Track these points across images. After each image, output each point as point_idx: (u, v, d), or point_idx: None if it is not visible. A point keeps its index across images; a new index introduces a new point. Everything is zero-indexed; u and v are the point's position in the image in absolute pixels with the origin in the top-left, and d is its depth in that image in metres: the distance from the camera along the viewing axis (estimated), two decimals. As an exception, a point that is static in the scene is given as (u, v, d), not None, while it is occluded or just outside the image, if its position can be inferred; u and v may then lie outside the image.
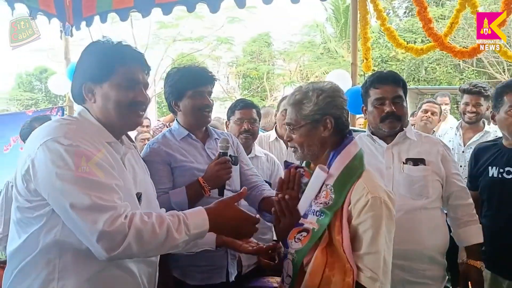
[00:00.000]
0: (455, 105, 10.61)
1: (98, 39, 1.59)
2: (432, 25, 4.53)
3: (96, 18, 4.60)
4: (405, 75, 16.43)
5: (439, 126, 4.73)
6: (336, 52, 18.53)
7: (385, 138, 2.24)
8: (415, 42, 14.31)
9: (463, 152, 3.51)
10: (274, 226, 1.74)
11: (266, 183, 2.41)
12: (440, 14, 15.22)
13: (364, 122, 4.58)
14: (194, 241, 1.52)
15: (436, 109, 4.36)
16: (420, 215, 2.13)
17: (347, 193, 1.53)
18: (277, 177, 2.91)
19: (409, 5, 18.50)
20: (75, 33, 4.81)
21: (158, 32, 17.07)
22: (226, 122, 3.12)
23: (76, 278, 1.38)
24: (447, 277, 2.32)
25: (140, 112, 1.58)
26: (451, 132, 3.77)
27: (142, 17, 4.39)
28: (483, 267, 2.24)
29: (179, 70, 2.26)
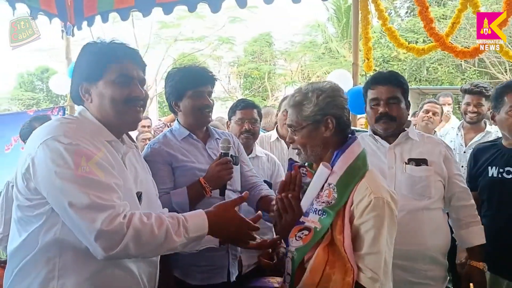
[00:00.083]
0: (457, 106, 10.60)
1: (92, 40, 1.60)
2: (434, 25, 4.53)
3: (98, 18, 4.61)
4: (406, 75, 16.41)
5: (444, 127, 4.71)
6: (337, 52, 18.53)
7: (387, 138, 2.23)
8: (416, 42, 14.31)
9: (464, 152, 3.50)
10: (275, 225, 1.74)
11: (265, 183, 2.41)
12: (442, 14, 15.20)
13: (365, 122, 4.58)
14: (195, 242, 1.52)
15: (438, 109, 4.35)
16: (422, 216, 2.12)
17: (350, 193, 1.53)
18: (278, 177, 2.95)
19: (410, 5, 18.48)
20: (76, 33, 4.82)
21: (160, 32, 17.10)
22: (227, 122, 3.12)
23: (76, 276, 1.39)
24: (448, 278, 2.32)
25: (137, 108, 1.57)
26: (453, 132, 3.76)
27: (143, 17, 4.39)
28: (485, 268, 2.23)
29: (179, 70, 2.25)
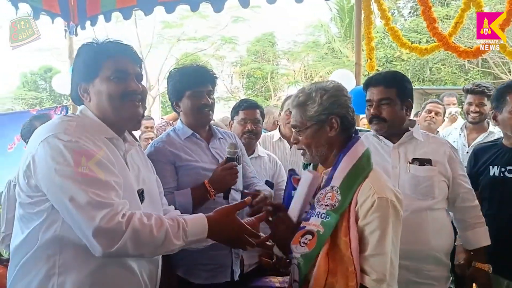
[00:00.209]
0: (460, 106, 10.56)
1: (87, 41, 1.61)
2: (437, 24, 4.51)
3: (101, 18, 4.62)
4: (409, 75, 16.37)
5: (450, 127, 4.67)
6: (340, 52, 18.52)
7: (391, 137, 2.23)
8: (420, 42, 14.27)
9: (467, 153, 3.48)
10: (273, 240, 1.73)
11: (261, 182, 2.42)
12: (445, 14, 15.17)
13: (367, 122, 4.56)
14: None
15: (440, 109, 4.33)
16: (425, 216, 2.11)
17: (354, 194, 1.52)
18: (279, 177, 2.97)
19: (414, 5, 18.43)
20: (79, 32, 4.84)
21: (162, 32, 17.14)
22: (229, 122, 3.12)
23: (76, 274, 1.40)
24: (451, 278, 2.31)
25: (136, 103, 1.56)
26: (455, 132, 3.75)
27: (145, 15, 4.41)
28: (490, 270, 2.22)
29: (179, 70, 2.26)
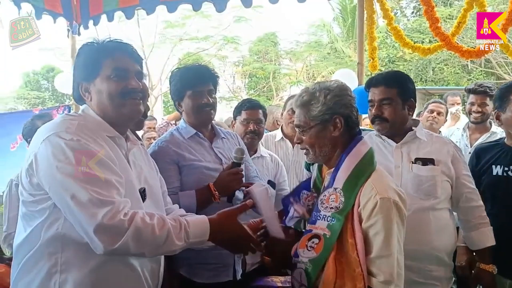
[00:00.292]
0: (463, 106, 10.53)
1: (87, 41, 1.62)
2: (439, 24, 4.50)
3: (103, 17, 4.63)
4: (412, 75, 16.34)
5: (453, 126, 4.66)
6: (343, 52, 18.50)
7: (394, 137, 2.23)
8: (422, 42, 14.24)
9: (469, 153, 3.48)
10: (273, 261, 1.73)
11: (262, 182, 2.41)
12: (448, 14, 15.13)
13: (369, 122, 4.56)
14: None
15: (442, 109, 4.32)
16: (428, 215, 2.11)
17: (357, 195, 1.51)
18: (281, 177, 2.98)
19: (417, 5, 18.40)
20: (82, 32, 4.84)
21: (165, 32, 17.14)
22: (232, 122, 3.12)
23: (78, 271, 1.41)
24: (454, 279, 2.30)
25: (136, 100, 1.57)
26: (458, 133, 3.74)
27: (147, 15, 4.42)
28: (495, 270, 2.21)
29: (180, 70, 2.28)
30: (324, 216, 1.54)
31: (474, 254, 2.36)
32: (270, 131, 3.86)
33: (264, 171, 2.87)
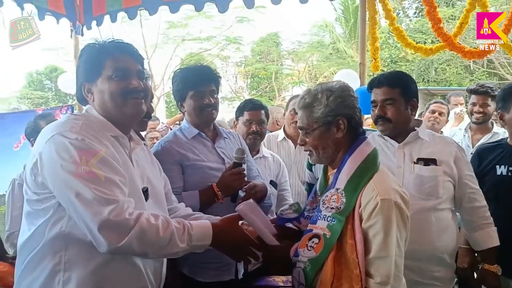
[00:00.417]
0: (465, 106, 10.50)
1: (89, 42, 1.63)
2: (442, 25, 4.50)
3: (106, 17, 4.65)
4: (415, 76, 16.31)
5: (457, 126, 4.65)
6: (345, 52, 18.49)
7: (397, 137, 2.22)
8: (425, 43, 14.21)
9: (471, 154, 3.48)
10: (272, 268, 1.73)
11: (265, 181, 2.42)
12: (450, 15, 15.10)
13: (371, 123, 4.56)
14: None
15: (444, 110, 4.31)
16: (429, 216, 2.10)
17: (358, 196, 1.51)
18: (283, 177, 2.98)
19: (419, 5, 18.36)
20: (85, 32, 4.87)
21: (168, 32, 17.19)
22: (234, 122, 3.13)
23: (81, 270, 1.42)
24: (456, 279, 2.30)
25: (138, 100, 1.58)
26: (460, 133, 3.73)
27: (149, 15, 4.45)
28: (499, 271, 2.20)
29: (181, 71, 2.29)
30: (325, 216, 1.54)
31: (476, 256, 2.35)
32: (270, 131, 3.86)
33: (266, 172, 2.88)
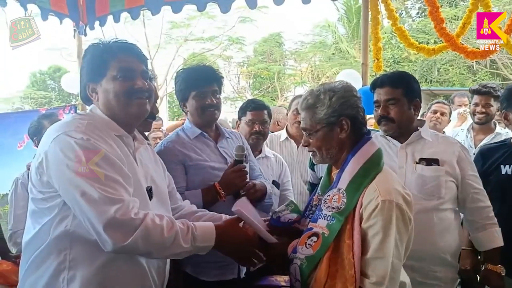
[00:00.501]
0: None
1: (93, 42, 1.64)
2: (444, 25, 4.50)
3: (110, 18, 4.66)
4: (417, 76, 16.28)
5: (460, 126, 4.64)
6: (347, 52, 18.48)
7: (400, 137, 2.22)
8: (427, 43, 14.18)
9: (474, 154, 3.47)
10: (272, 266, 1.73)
11: (266, 181, 2.43)
12: (453, 15, 15.07)
13: (374, 123, 4.56)
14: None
15: (446, 110, 4.30)
16: (432, 216, 2.10)
17: (360, 196, 1.51)
18: (285, 177, 2.99)
19: (422, 5, 18.32)
20: (88, 33, 4.88)
21: (170, 32, 17.20)
22: (236, 122, 3.14)
23: (86, 268, 1.43)
24: (458, 280, 2.29)
25: (142, 100, 1.59)
26: (462, 134, 3.73)
27: (152, 15, 4.46)
28: (503, 271, 2.18)
29: (184, 71, 2.30)
30: (325, 215, 1.54)
31: (478, 257, 2.34)
32: (271, 131, 3.87)
33: (269, 171, 2.88)
